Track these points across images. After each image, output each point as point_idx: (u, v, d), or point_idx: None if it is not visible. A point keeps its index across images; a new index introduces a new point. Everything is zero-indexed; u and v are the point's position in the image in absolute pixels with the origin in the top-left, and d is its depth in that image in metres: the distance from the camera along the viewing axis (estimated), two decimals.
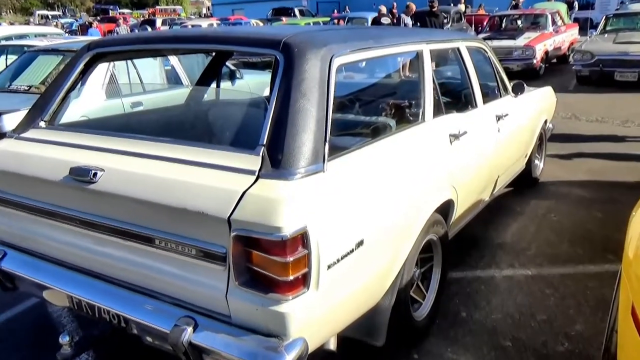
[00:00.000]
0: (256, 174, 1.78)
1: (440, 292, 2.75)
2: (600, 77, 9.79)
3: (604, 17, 11.94)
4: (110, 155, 2.02)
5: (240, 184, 1.75)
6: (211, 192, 1.75)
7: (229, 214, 1.70)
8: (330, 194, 1.85)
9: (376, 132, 2.57)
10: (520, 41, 11.19)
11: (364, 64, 3.08)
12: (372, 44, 2.33)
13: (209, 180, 1.80)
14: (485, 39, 11.48)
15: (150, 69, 5.13)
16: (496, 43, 11.02)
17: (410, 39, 2.75)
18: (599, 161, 5.57)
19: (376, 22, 11.45)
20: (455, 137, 2.78)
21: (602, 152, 5.87)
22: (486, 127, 3.32)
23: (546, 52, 11.57)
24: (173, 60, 5.34)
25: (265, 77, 5.68)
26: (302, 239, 1.68)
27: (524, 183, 4.67)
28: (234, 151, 1.89)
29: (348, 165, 2.00)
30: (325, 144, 1.86)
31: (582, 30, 15.40)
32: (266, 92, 2.40)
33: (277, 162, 1.78)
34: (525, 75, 10.83)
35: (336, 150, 1.99)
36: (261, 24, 23.19)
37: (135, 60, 4.52)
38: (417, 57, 2.76)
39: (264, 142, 1.82)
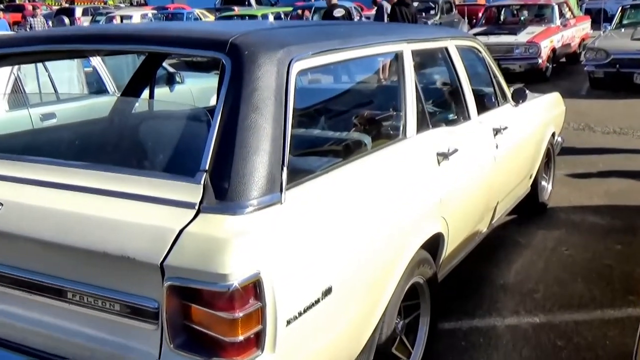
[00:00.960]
0: (196, 207, 1.78)
1: (429, 347, 2.77)
2: (617, 79, 10.19)
3: (620, 8, 12.50)
4: (11, 185, 2.00)
5: (175, 220, 1.75)
6: (139, 231, 1.75)
7: (161, 259, 1.70)
8: (289, 230, 1.86)
9: (347, 151, 2.60)
10: (523, 37, 11.63)
11: (332, 67, 3.10)
12: (341, 44, 2.37)
13: (136, 216, 1.79)
14: (480, 34, 11.84)
15: (65, 71, 5.08)
16: (494, 39, 11.42)
17: (388, 37, 2.82)
18: (618, 181, 5.74)
19: (328, 14, 11.41)
20: (444, 156, 2.84)
21: (622, 170, 6.06)
22: (482, 143, 3.40)
23: (553, 50, 12.01)
24: (95, 60, 5.30)
25: (213, 80, 5.66)
26: (255, 288, 1.68)
27: (529, 210, 4.78)
28: (169, 179, 1.89)
29: (312, 194, 2.02)
30: (283, 169, 1.88)
31: (595, 24, 16.08)
32: (214, 101, 2.39)
33: (222, 193, 1.79)
34: (529, 77, 11.22)
35: (297, 176, 2.02)
36: (208, 15, 23.32)
37: (47, 62, 4.47)
38: (397, 60, 2.83)
39: (207, 168, 1.83)
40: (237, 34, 2.05)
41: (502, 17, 13.77)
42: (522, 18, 13.19)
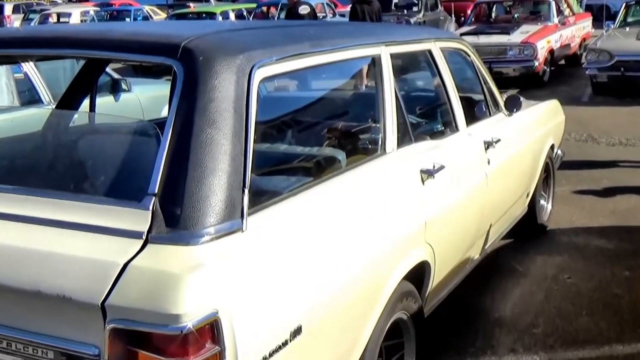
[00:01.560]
0: (144, 237, 1.77)
1: None
2: (621, 84, 10.43)
3: (624, 4, 12.84)
4: None
5: (119, 252, 1.74)
6: (76, 265, 1.73)
7: (102, 298, 1.68)
8: (252, 263, 1.86)
9: (318, 169, 2.61)
10: (516, 36, 11.86)
11: (300, 74, 3.18)
12: (310, 47, 2.39)
13: (73, 249, 1.77)
14: (468, 33, 12.03)
15: None
16: (484, 39, 11.63)
17: (363, 39, 2.86)
18: (626, 199, 5.82)
19: (291, 12, 11.46)
20: (428, 174, 2.85)
21: (629, 186, 6.14)
22: (471, 158, 3.44)
23: (551, 51, 12.26)
24: (27, 66, 5.26)
25: (165, 88, 5.68)
26: (212, 330, 1.66)
27: (527, 232, 4.84)
28: (112, 204, 1.88)
29: (278, 219, 2.02)
30: (244, 191, 1.88)
31: (597, 22, 16.47)
32: (166, 111, 2.44)
33: (174, 220, 1.78)
34: (524, 82, 11.46)
35: (261, 199, 2.02)
36: (159, 13, 23.33)
37: None
38: (374, 65, 2.86)
39: (156, 191, 1.82)
40: (190, 37, 2.05)
41: (493, 15, 14.00)
42: (515, 16, 13.49)
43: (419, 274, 2.76)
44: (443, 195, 2.99)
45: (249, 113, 1.98)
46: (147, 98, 6.28)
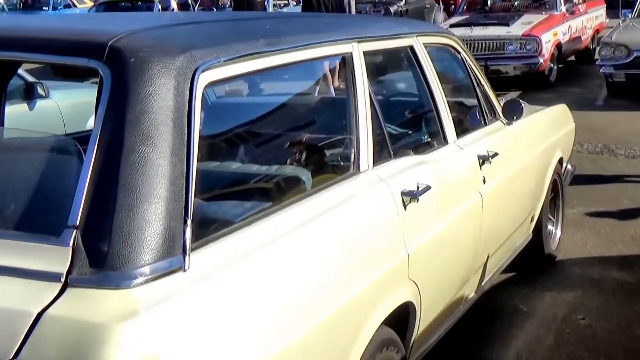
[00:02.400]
0: (62, 279, 1.75)
1: None
2: None
3: None
4: None
5: (32, 299, 1.72)
6: None
7: (11, 356, 1.65)
8: (196, 309, 1.83)
9: (278, 193, 2.61)
10: (517, 29, 11.97)
11: (255, 77, 3.17)
12: (266, 45, 2.40)
13: None
14: (460, 25, 12.14)
15: None
16: (479, 32, 11.74)
17: (332, 35, 2.87)
18: None
19: (241, 1, 11.41)
20: (412, 196, 2.86)
21: None
22: (463, 176, 3.46)
23: (558, 46, 12.41)
24: None
25: (91, 93, 5.60)
26: None
27: (533, 264, 4.85)
28: (24, 239, 1.87)
29: (229, 256, 2.01)
30: (186, 222, 1.88)
31: (612, 10, 16.67)
32: (92, 123, 2.40)
33: (100, 258, 1.77)
34: (527, 83, 11.61)
35: (208, 231, 2.01)
36: (85, 1, 23.02)
37: None
38: (345, 65, 2.89)
39: (77, 223, 1.81)
40: (120, 34, 2.05)
41: (489, 3, 14.11)
42: (516, 4, 13.57)
43: (402, 318, 2.76)
44: (430, 221, 3.00)
45: (191, 126, 1.97)
46: (69, 106, 6.24)
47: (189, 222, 1.88)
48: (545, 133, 4.81)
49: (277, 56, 2.45)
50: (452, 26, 12.00)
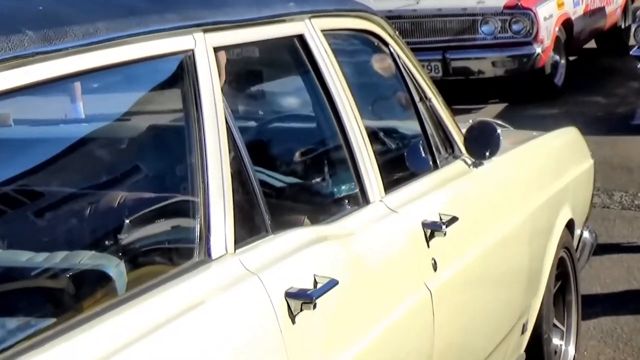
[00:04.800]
0: None
1: None
2: None
3: None
4: None
5: None
6: None
7: None
8: None
9: (67, 301, 2.16)
10: None
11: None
12: (37, 41, 1.97)
13: None
14: None
15: None
16: (429, 2, 9.12)
17: (155, 21, 2.36)
18: None
19: None
20: (304, 299, 2.37)
21: None
22: (395, 259, 2.95)
23: (566, 24, 9.87)
24: None
25: None
26: None
27: None
28: None
29: None
30: None
31: None
32: None
33: None
34: (516, 88, 9.92)
35: None
36: None
37: None
38: (181, 73, 2.41)
39: None
40: None
41: None
42: None
43: None
44: (337, 340, 2.53)
45: None
46: None
47: None
48: (543, 177, 4.06)
49: (57, 61, 2.03)
50: None
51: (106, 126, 3.13)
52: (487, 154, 3.39)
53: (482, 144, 3.40)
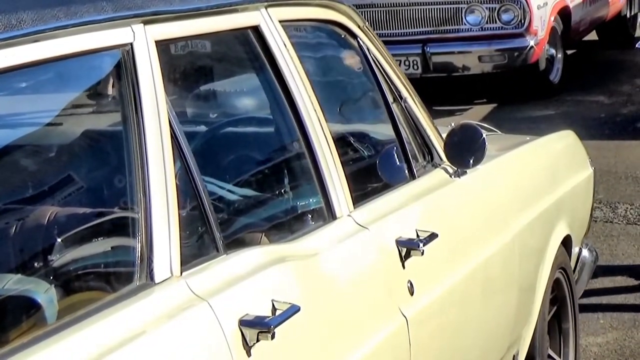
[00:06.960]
0: None
1: None
2: None
3: None
4: None
5: None
6: None
7: None
8: None
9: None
10: None
11: None
12: None
13: None
14: None
15: None
16: None
17: (90, 11, 2.29)
18: None
19: None
20: (260, 328, 2.32)
21: None
22: (366, 281, 2.87)
23: (563, 13, 9.56)
24: None
25: None
26: None
27: None
28: None
29: None
30: None
31: None
32: None
33: None
34: (506, 86, 9.66)
35: None
36: None
37: None
38: (119, 69, 2.37)
39: None
40: None
41: None
42: None
43: None
44: None
45: None
46: None
47: None
48: (535, 188, 3.97)
49: None
50: None
51: (34, 132, 2.97)
52: (471, 162, 3.31)
53: (465, 150, 3.33)
